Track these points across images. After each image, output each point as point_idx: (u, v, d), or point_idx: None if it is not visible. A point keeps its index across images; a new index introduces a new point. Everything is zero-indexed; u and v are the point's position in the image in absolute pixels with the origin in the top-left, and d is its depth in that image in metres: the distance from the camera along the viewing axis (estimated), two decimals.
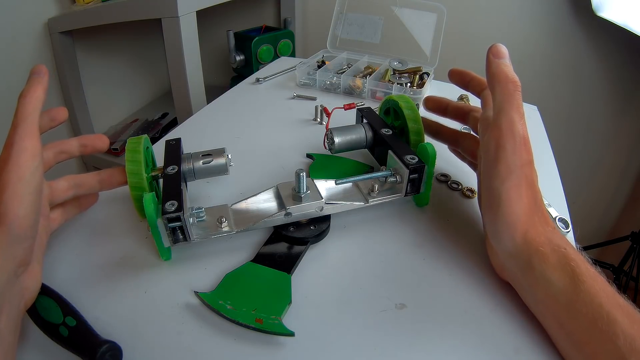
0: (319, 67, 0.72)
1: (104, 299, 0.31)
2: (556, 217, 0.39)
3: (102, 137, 0.36)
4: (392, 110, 0.45)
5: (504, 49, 0.33)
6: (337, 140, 0.42)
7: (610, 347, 0.24)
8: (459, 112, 0.43)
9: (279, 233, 0.36)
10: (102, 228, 0.38)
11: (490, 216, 0.31)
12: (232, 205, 0.36)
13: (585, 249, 0.30)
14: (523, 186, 0.29)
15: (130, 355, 0.27)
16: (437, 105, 0.44)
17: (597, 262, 0.28)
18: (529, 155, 0.30)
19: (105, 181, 0.36)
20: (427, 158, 0.37)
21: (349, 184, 0.39)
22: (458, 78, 0.41)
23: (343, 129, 0.43)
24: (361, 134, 0.44)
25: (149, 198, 0.30)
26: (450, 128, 0.43)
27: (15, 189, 0.25)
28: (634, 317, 0.24)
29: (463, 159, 0.44)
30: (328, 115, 0.53)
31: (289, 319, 0.29)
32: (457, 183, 0.45)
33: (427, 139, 0.42)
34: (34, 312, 0.27)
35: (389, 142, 0.40)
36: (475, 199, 0.42)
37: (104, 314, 0.30)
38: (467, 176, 0.46)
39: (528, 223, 0.29)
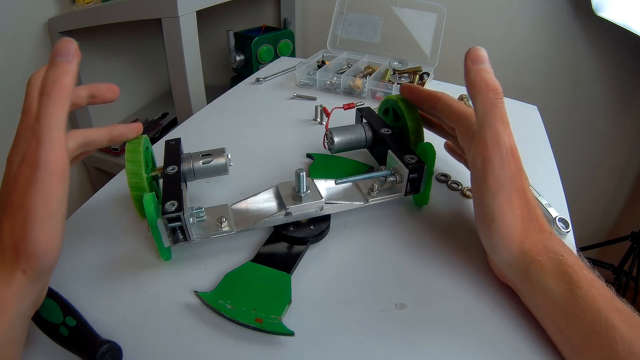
0: (319, 67, 0.72)
1: (104, 299, 0.31)
2: (556, 217, 0.39)
3: (112, 87, 0.33)
4: (392, 110, 0.45)
5: (482, 53, 0.31)
6: (336, 140, 0.42)
7: (608, 351, 0.24)
8: (428, 107, 0.40)
9: (279, 233, 0.36)
10: (102, 228, 0.38)
11: (484, 231, 0.31)
12: (232, 205, 0.36)
13: (585, 249, 0.30)
14: (514, 198, 0.29)
15: (130, 355, 0.27)
16: (410, 95, 0.41)
17: (597, 263, 0.28)
18: (518, 165, 0.29)
19: (115, 139, 0.34)
20: (426, 157, 0.37)
21: (349, 184, 0.39)
22: (408, 93, 0.41)
23: (342, 129, 0.43)
24: (361, 133, 0.43)
25: (149, 198, 0.30)
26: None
27: (44, 225, 0.23)
28: (632, 321, 0.25)
29: (460, 158, 0.44)
30: (328, 115, 0.53)
31: (289, 319, 0.29)
32: (457, 183, 0.45)
33: (427, 139, 0.42)
34: (34, 312, 0.27)
35: (388, 141, 0.40)
36: None
37: (104, 314, 0.30)
38: (467, 176, 0.46)
39: (523, 234, 0.29)
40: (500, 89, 0.30)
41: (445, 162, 0.48)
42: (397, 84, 0.65)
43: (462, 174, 0.46)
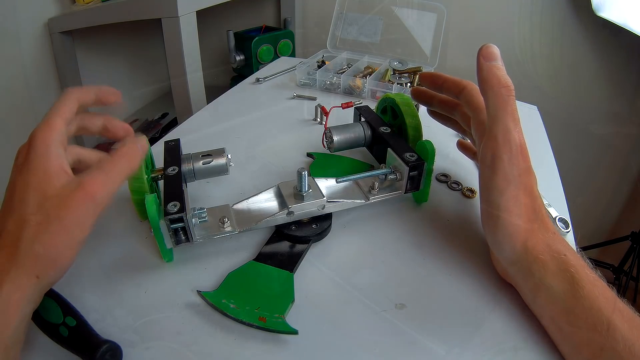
0: (319, 67, 0.72)
1: (104, 299, 0.31)
2: (556, 217, 0.39)
3: (115, 92, 0.34)
4: (390, 109, 0.45)
5: (495, 50, 0.31)
6: (335, 138, 0.42)
7: (609, 351, 0.24)
8: (446, 104, 0.41)
9: (280, 232, 0.36)
10: (102, 228, 0.38)
11: (489, 227, 0.31)
12: (233, 205, 0.36)
13: (585, 249, 0.30)
14: (521, 196, 0.29)
15: (130, 355, 0.27)
16: (433, 82, 0.40)
17: (597, 263, 0.28)
18: (526, 163, 0.30)
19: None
20: (426, 155, 0.37)
21: (350, 182, 0.39)
22: (429, 81, 0.39)
23: (341, 128, 0.43)
24: (359, 132, 0.44)
25: (151, 200, 0.30)
26: (443, 96, 0.41)
27: (72, 242, 0.25)
28: (633, 322, 0.25)
29: (473, 156, 0.44)
30: (326, 114, 0.53)
31: (290, 318, 0.29)
32: (457, 183, 0.45)
33: (426, 136, 0.42)
34: (34, 312, 0.27)
35: (387, 139, 0.40)
36: (475, 199, 0.42)
37: (104, 314, 0.30)
38: (467, 176, 0.46)
39: (528, 232, 0.29)
40: (512, 86, 0.30)
41: (446, 161, 0.48)
42: (397, 84, 0.65)
43: (462, 174, 0.46)
